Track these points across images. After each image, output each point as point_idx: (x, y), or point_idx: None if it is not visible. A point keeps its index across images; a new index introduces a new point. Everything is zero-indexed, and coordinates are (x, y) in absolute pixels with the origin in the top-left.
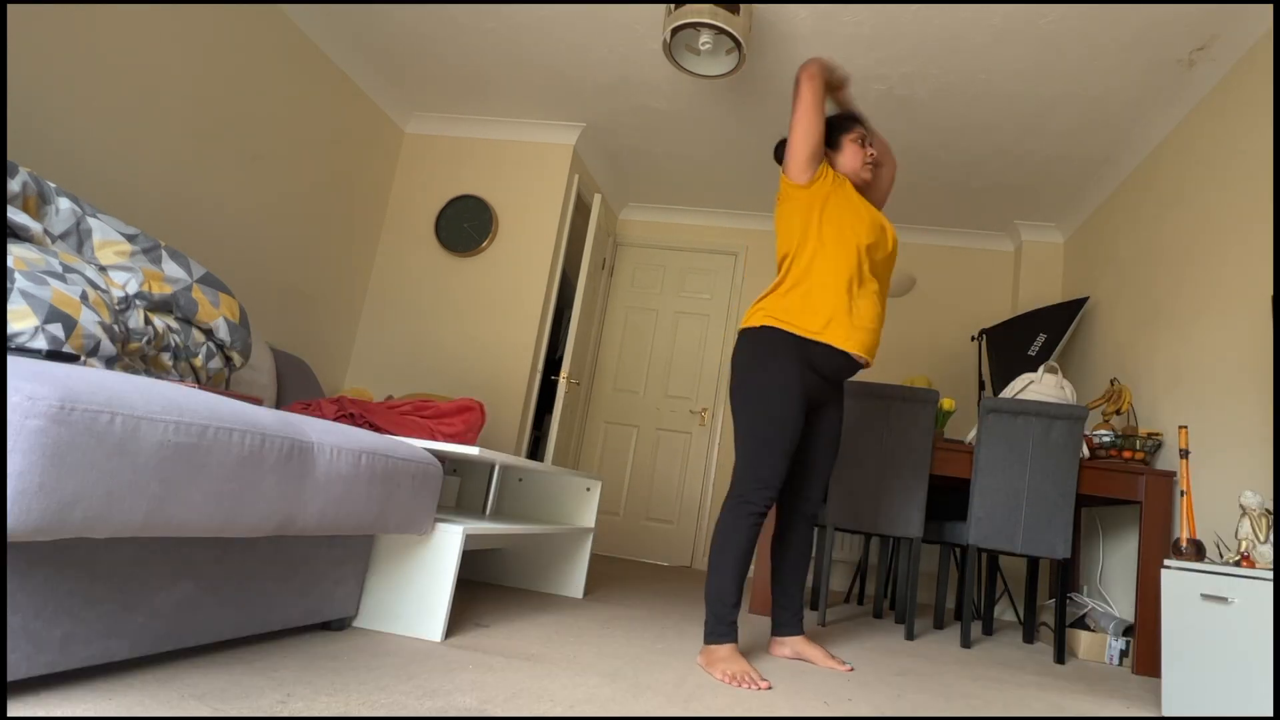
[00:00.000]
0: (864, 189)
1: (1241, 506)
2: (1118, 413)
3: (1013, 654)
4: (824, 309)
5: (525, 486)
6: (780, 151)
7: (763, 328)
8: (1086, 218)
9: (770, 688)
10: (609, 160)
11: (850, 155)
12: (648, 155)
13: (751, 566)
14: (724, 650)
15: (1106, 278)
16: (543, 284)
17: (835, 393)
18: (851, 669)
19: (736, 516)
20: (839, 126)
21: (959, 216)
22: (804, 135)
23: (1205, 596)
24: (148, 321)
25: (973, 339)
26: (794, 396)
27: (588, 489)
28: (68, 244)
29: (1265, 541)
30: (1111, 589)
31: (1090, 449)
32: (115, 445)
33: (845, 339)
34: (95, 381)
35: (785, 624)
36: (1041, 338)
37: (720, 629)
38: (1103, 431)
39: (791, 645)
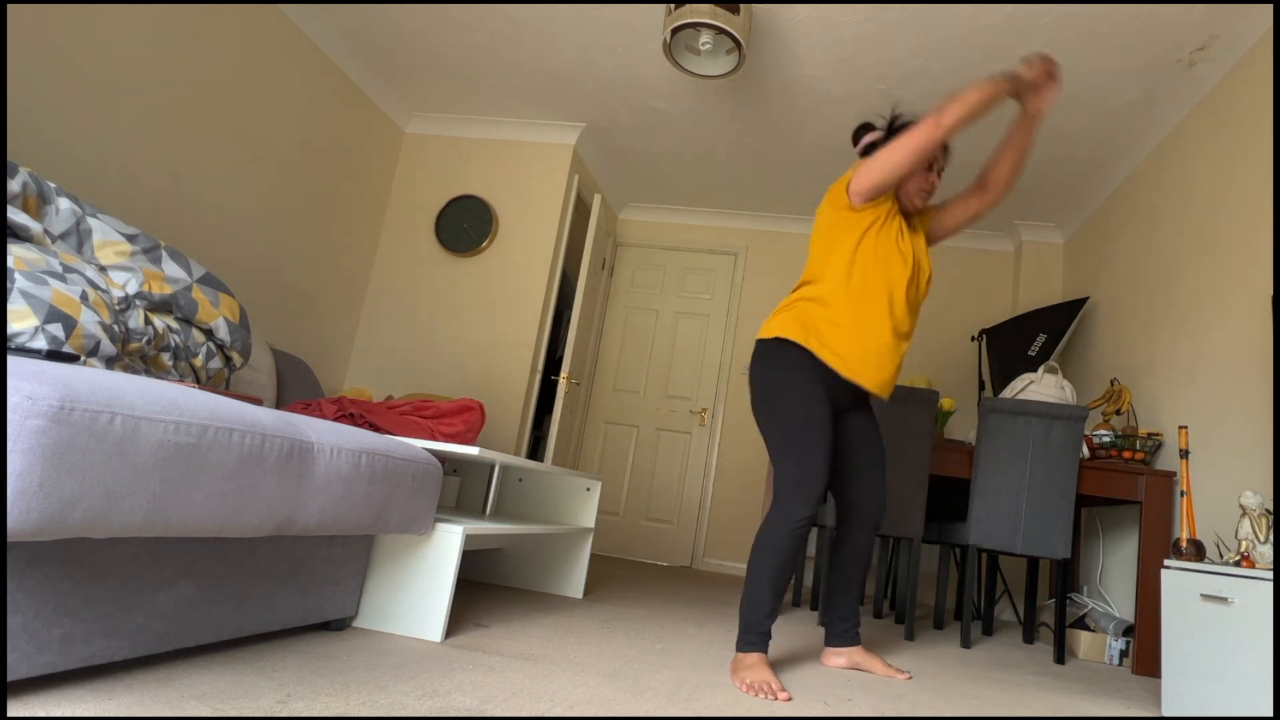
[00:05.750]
0: (928, 212)
1: (1241, 507)
2: (1118, 413)
3: (1013, 654)
4: (843, 341)
5: (525, 486)
6: (858, 135)
7: (777, 340)
8: (1086, 218)
9: (790, 699)
10: (609, 160)
11: (912, 177)
12: (648, 155)
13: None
14: (751, 659)
15: (1106, 278)
16: (543, 284)
17: (860, 400)
18: (910, 677)
19: (775, 523)
20: None
21: None
22: (891, 168)
23: (1205, 596)
24: (148, 321)
25: (973, 339)
26: (817, 399)
27: (588, 489)
28: (68, 244)
29: (1265, 541)
30: (1111, 589)
31: (1090, 449)
32: (115, 445)
33: (858, 374)
34: (95, 381)
35: (840, 635)
36: (1041, 338)
37: (749, 638)
38: (1103, 431)
39: (848, 655)
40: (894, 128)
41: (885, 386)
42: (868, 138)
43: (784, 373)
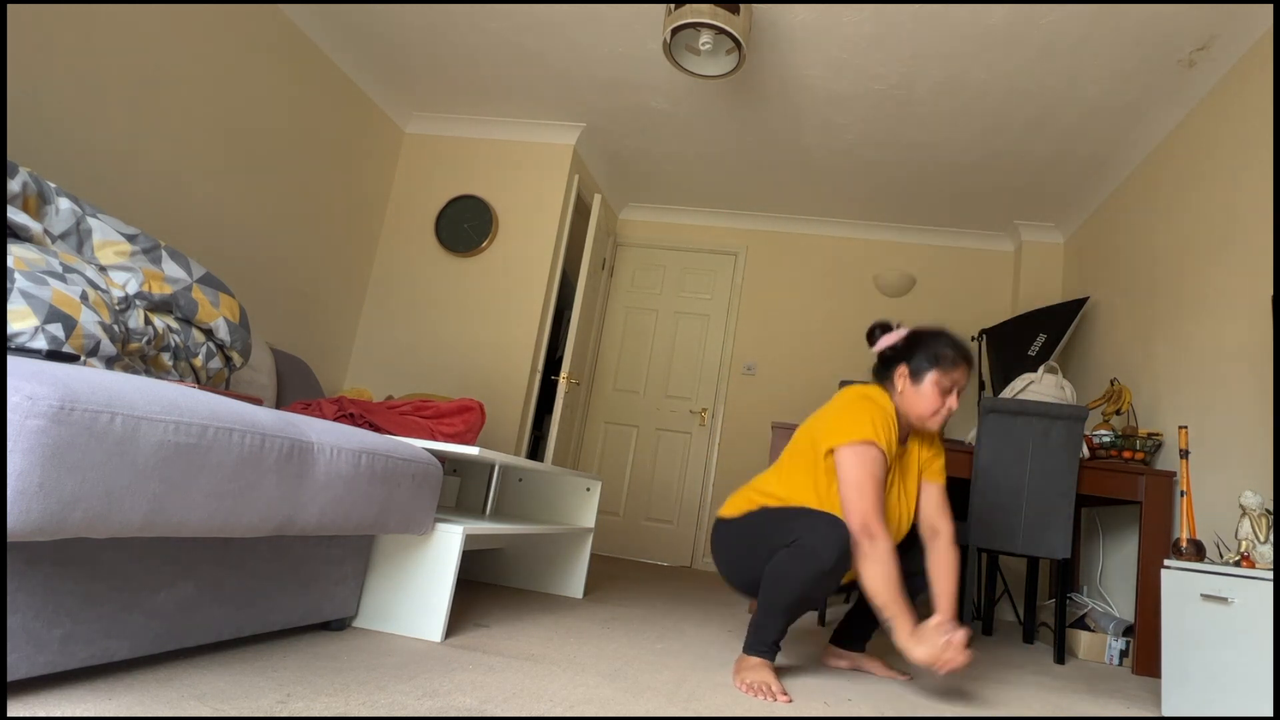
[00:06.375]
0: (935, 449)
1: (1241, 507)
2: (1118, 413)
3: (1013, 654)
4: None
5: (525, 486)
6: (873, 334)
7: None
8: (1086, 218)
9: (790, 701)
10: (609, 160)
11: (927, 399)
12: (648, 155)
13: None
14: (754, 661)
15: (1106, 278)
16: (543, 284)
17: None
18: (911, 678)
19: (795, 565)
20: (934, 354)
21: (959, 216)
22: (848, 494)
23: (1205, 596)
24: (148, 321)
25: (973, 339)
26: None
27: (588, 489)
28: (68, 244)
29: (1265, 541)
30: (1111, 589)
31: (1090, 449)
32: (115, 445)
33: None
34: (95, 381)
35: (851, 639)
36: (1041, 338)
37: (758, 647)
38: (1103, 431)
39: (850, 658)
40: (910, 338)
41: None
42: (885, 340)
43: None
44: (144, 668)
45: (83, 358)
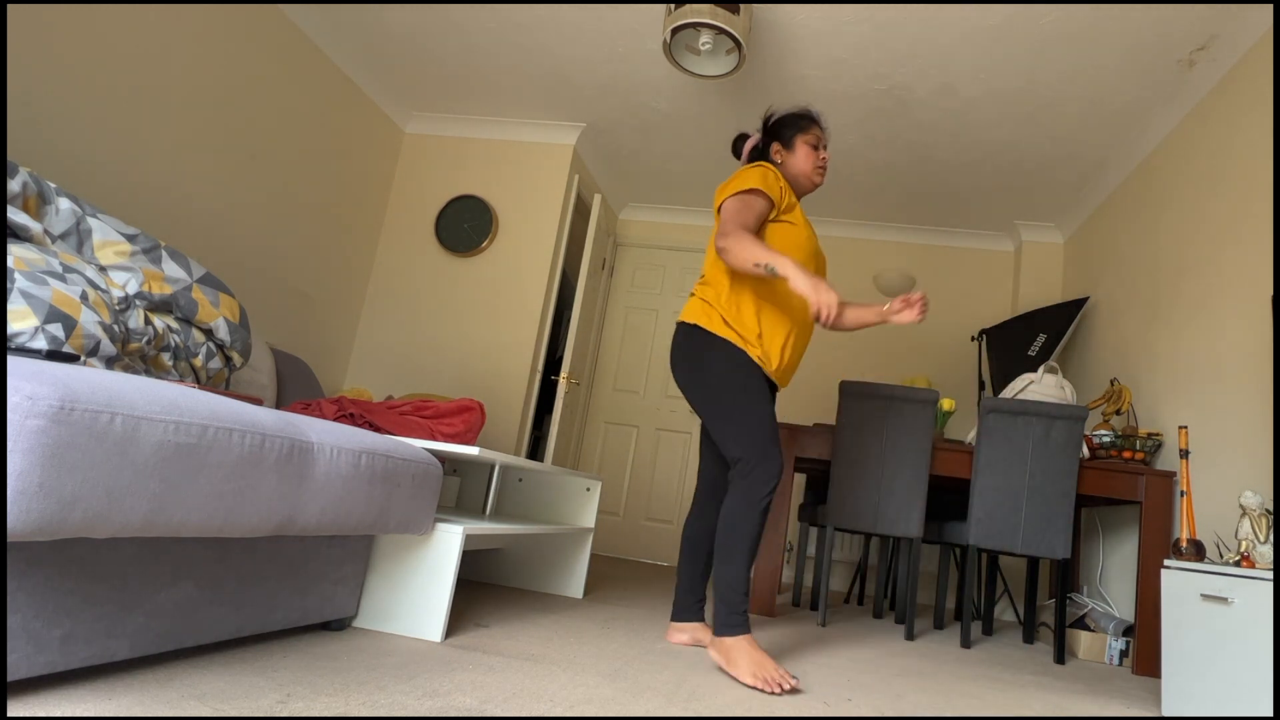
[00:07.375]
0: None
1: (1241, 506)
2: (1118, 413)
3: (1013, 654)
4: (764, 343)
5: (525, 486)
6: (738, 145)
7: (716, 336)
8: (1086, 218)
9: (797, 680)
10: (609, 160)
11: (803, 157)
12: (648, 155)
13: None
14: (744, 643)
15: (1106, 278)
16: (543, 284)
17: None
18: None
19: (746, 499)
20: (794, 124)
21: (959, 216)
22: (725, 238)
23: (1205, 596)
24: (148, 321)
25: (973, 339)
26: (755, 371)
27: (588, 489)
28: (68, 244)
29: (1265, 541)
30: (1111, 589)
31: (1090, 449)
32: (115, 445)
33: (773, 374)
34: (95, 381)
35: (690, 609)
36: (1041, 338)
37: (734, 619)
38: (1103, 431)
39: (691, 632)
40: (769, 127)
41: (786, 381)
42: (749, 142)
43: (723, 356)
44: (144, 668)
45: (83, 358)
